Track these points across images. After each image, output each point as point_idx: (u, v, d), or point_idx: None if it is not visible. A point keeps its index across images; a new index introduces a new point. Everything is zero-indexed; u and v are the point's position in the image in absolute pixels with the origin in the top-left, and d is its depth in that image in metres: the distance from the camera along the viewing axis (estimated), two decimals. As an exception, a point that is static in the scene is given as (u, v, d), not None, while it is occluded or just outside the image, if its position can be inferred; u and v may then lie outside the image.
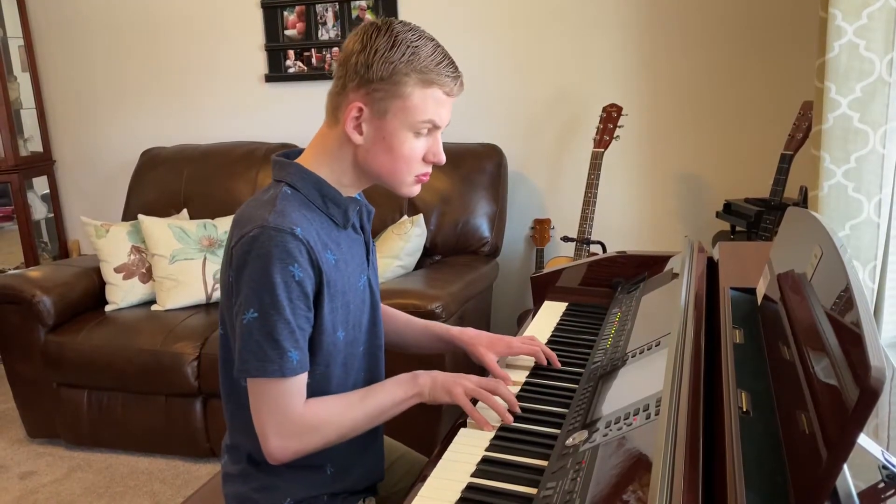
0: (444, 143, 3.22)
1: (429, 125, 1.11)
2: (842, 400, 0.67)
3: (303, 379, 1.09)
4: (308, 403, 1.11)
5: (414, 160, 1.12)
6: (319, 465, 1.20)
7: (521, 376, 1.32)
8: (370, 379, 1.26)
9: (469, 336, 1.36)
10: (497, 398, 1.17)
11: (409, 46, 1.07)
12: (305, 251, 1.05)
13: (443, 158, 1.15)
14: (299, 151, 1.19)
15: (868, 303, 0.85)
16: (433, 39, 1.11)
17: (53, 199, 3.72)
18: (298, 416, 1.09)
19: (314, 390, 1.13)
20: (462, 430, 1.15)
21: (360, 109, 1.08)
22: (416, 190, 1.17)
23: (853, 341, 0.71)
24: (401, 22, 1.10)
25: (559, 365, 1.34)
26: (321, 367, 1.14)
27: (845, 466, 0.68)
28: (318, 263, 1.08)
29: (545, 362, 1.34)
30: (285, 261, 1.03)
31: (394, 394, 1.16)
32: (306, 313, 1.08)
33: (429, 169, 1.16)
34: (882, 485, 0.72)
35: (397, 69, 1.06)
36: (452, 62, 1.12)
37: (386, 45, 1.06)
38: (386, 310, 1.46)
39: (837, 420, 0.66)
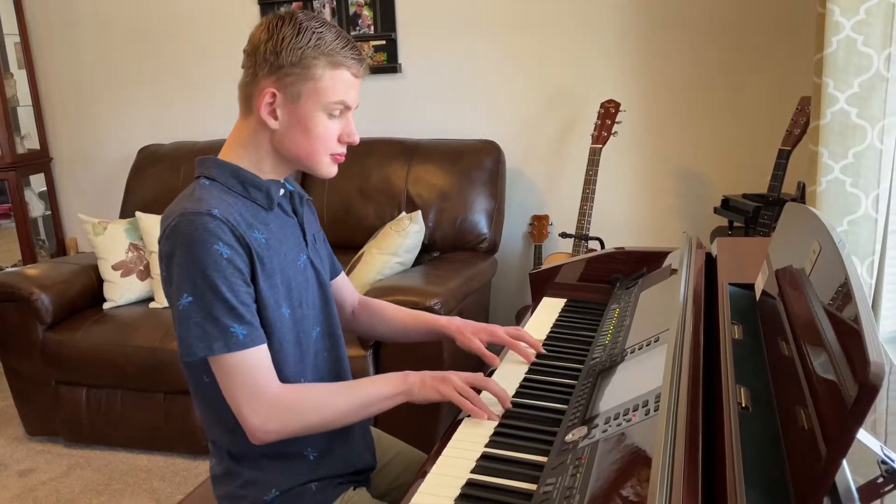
0: (442, 140, 3.22)
1: (340, 106, 1.15)
2: (841, 395, 0.67)
3: (263, 354, 1.11)
4: (288, 386, 1.13)
5: (329, 140, 1.17)
6: (299, 452, 1.21)
7: (519, 371, 1.32)
8: (333, 359, 1.28)
9: (456, 325, 1.41)
10: (490, 391, 1.19)
11: (314, 32, 1.12)
12: (228, 229, 1.08)
13: (356, 139, 1.20)
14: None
15: (867, 298, 0.85)
16: (335, 26, 1.16)
17: (51, 196, 3.72)
18: (273, 394, 1.10)
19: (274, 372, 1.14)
20: (466, 420, 1.15)
21: (274, 95, 1.13)
22: (333, 170, 1.21)
23: (852, 337, 0.71)
24: (303, 11, 1.15)
25: (543, 350, 1.38)
26: (275, 346, 1.15)
27: (844, 461, 0.68)
28: (245, 241, 1.10)
29: (528, 355, 1.36)
30: (209, 241, 1.06)
31: (381, 388, 1.18)
32: (245, 289, 1.10)
33: (343, 149, 1.20)
34: (881, 480, 0.73)
35: (305, 53, 1.11)
36: (356, 46, 1.16)
37: (292, 33, 1.11)
38: (372, 302, 1.49)
39: (836, 416, 0.66)
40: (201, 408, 1.22)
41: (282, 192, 1.22)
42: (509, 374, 1.32)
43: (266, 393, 1.10)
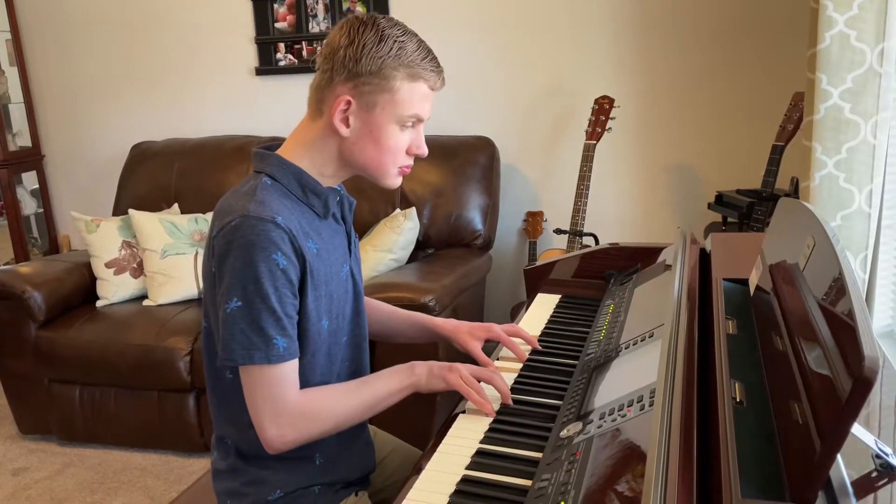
0: (436, 136, 3.22)
1: (414, 119, 1.14)
2: (835, 390, 0.67)
3: (294, 366, 1.10)
4: (303, 392, 1.12)
5: (399, 153, 1.15)
6: (308, 456, 1.20)
7: (515, 368, 1.32)
8: (354, 369, 1.27)
9: (452, 326, 1.40)
10: (494, 385, 1.19)
11: (395, 41, 1.09)
12: (288, 239, 1.06)
13: (425, 151, 1.18)
14: (280, 144, 1.20)
15: (861, 292, 0.85)
16: (416, 35, 1.14)
17: (43, 194, 3.70)
18: (293, 403, 1.10)
19: (300, 380, 1.13)
20: (461, 416, 1.15)
21: (349, 102, 1.10)
22: (398, 181, 1.20)
23: (846, 331, 0.72)
24: (385, 17, 1.13)
25: (539, 347, 1.38)
26: (306, 356, 1.14)
27: (839, 455, 0.68)
28: (301, 251, 1.09)
29: (523, 354, 1.35)
30: (268, 249, 1.04)
31: (389, 383, 1.17)
32: (292, 301, 1.09)
33: (411, 161, 1.19)
34: (875, 474, 0.73)
35: (386, 63, 1.08)
36: (435, 57, 1.15)
37: (374, 40, 1.08)
38: (369, 301, 1.48)
39: (831, 410, 0.66)
40: (216, 402, 1.21)
41: (337, 199, 1.20)
42: (505, 371, 1.31)
43: (288, 404, 1.09)
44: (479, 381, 1.19)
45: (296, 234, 1.08)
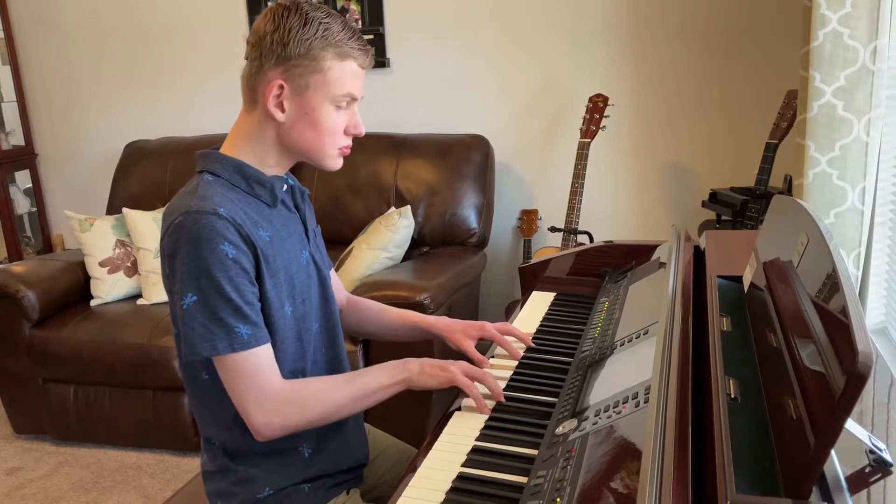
0: (431, 134, 3.21)
1: (347, 98, 1.15)
2: (829, 386, 0.67)
3: (266, 352, 1.10)
4: (289, 381, 1.13)
5: (337, 133, 1.16)
6: (295, 448, 1.20)
7: (510, 366, 1.32)
8: (331, 356, 1.28)
9: (444, 324, 1.40)
10: (486, 384, 1.19)
11: (320, 23, 1.10)
12: (233, 228, 1.07)
13: (363, 130, 1.19)
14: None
15: (854, 289, 0.85)
16: (341, 16, 1.15)
17: (36, 193, 3.68)
18: (276, 390, 1.10)
19: None
20: (456, 414, 1.15)
21: (281, 87, 1.11)
22: (339, 163, 1.20)
23: (840, 328, 0.72)
24: (306, 1, 1.13)
25: (532, 344, 1.38)
26: (276, 344, 1.15)
27: (833, 451, 0.68)
28: (251, 239, 1.09)
29: (517, 352, 1.35)
30: (214, 240, 1.05)
31: (381, 377, 1.18)
32: (251, 288, 1.09)
33: (349, 141, 1.19)
34: (869, 469, 0.73)
35: (313, 45, 1.10)
36: (361, 37, 1.15)
37: (299, 24, 1.09)
38: (360, 301, 1.48)
39: (825, 406, 0.67)
40: (197, 405, 1.21)
41: (284, 187, 1.21)
42: (499, 368, 1.32)
43: (270, 390, 1.09)
44: (473, 380, 1.19)
45: (241, 223, 1.08)
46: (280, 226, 1.18)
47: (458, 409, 1.18)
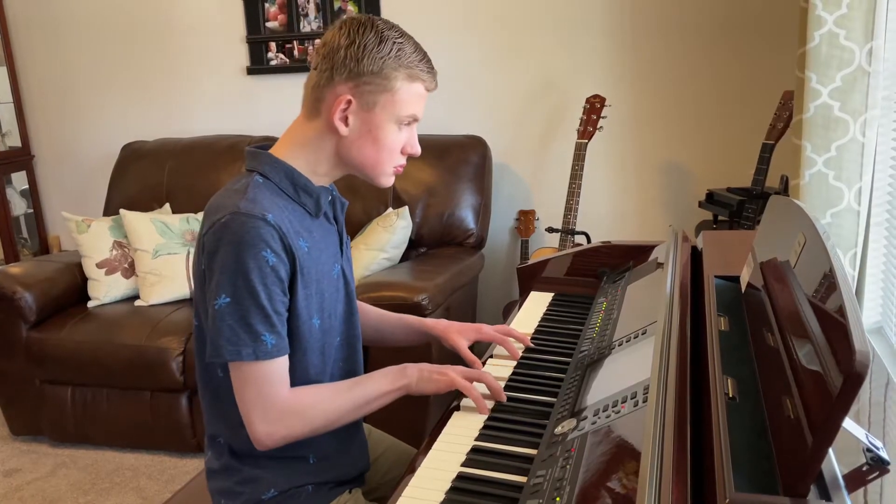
0: (428, 135, 3.21)
1: (411, 118, 1.16)
2: (826, 385, 0.68)
3: (283, 363, 1.10)
4: (293, 390, 1.13)
5: (395, 152, 1.17)
6: (302, 456, 1.20)
7: (509, 366, 1.33)
8: (348, 369, 1.28)
9: (442, 326, 1.41)
10: (486, 384, 1.20)
11: (395, 43, 1.11)
12: (278, 236, 1.07)
13: (419, 150, 1.20)
14: (273, 143, 1.21)
15: (851, 289, 0.85)
16: (412, 38, 1.16)
17: (33, 194, 3.68)
18: (283, 401, 1.10)
19: (293, 378, 1.14)
20: (455, 414, 1.16)
21: (349, 102, 1.11)
22: (392, 180, 1.21)
23: (837, 327, 0.72)
24: (380, 19, 1.15)
25: (531, 344, 1.39)
26: (298, 354, 1.15)
27: (830, 450, 0.69)
28: (292, 249, 1.09)
29: (516, 352, 1.36)
30: (258, 246, 1.05)
31: (381, 384, 1.18)
32: (282, 298, 1.09)
33: (405, 160, 1.20)
34: (866, 467, 0.74)
35: (387, 64, 1.10)
36: (430, 60, 1.17)
37: (374, 41, 1.10)
38: (360, 305, 1.47)
39: (822, 405, 0.67)
40: (208, 401, 1.21)
41: (329, 198, 1.21)
42: (498, 369, 1.32)
43: (277, 401, 1.09)
44: (472, 382, 1.20)
45: (286, 232, 1.08)
46: (319, 237, 1.18)
47: (458, 408, 1.19)
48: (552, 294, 1.71)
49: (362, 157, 1.15)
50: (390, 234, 2.66)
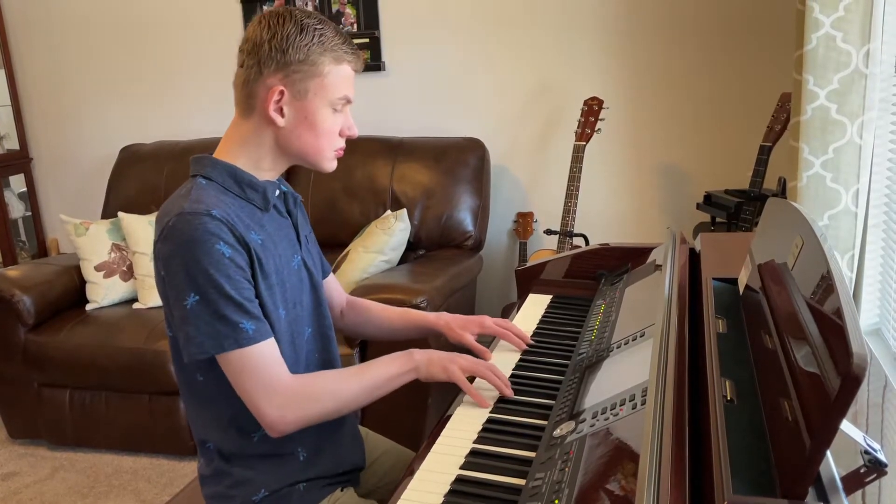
0: (426, 137, 3.21)
1: (343, 100, 1.18)
2: (824, 387, 0.68)
3: (271, 346, 1.11)
4: (302, 375, 1.14)
5: (334, 135, 1.19)
6: (291, 451, 1.21)
7: (507, 366, 1.33)
8: (324, 360, 1.29)
9: (445, 320, 1.43)
10: (489, 381, 1.22)
11: (315, 30, 1.14)
12: (227, 229, 1.08)
13: (356, 131, 1.22)
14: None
15: (848, 291, 0.85)
16: (332, 22, 1.18)
17: (31, 197, 3.67)
18: (286, 383, 1.11)
19: None
20: (454, 417, 1.16)
21: (282, 92, 1.13)
22: (334, 164, 1.23)
23: (834, 329, 0.73)
24: (298, 9, 1.17)
25: (531, 341, 1.41)
26: None
27: (828, 452, 0.69)
28: (245, 240, 1.10)
29: (520, 344, 1.39)
30: (209, 241, 1.06)
31: (389, 368, 1.19)
32: (248, 286, 1.10)
33: (343, 143, 1.22)
34: (864, 469, 0.74)
35: (312, 50, 1.13)
36: (352, 41, 1.19)
37: (295, 31, 1.12)
38: (360, 301, 1.50)
39: (820, 407, 0.67)
40: (192, 408, 1.21)
41: (276, 192, 1.22)
42: (499, 364, 1.32)
43: (280, 384, 1.10)
44: (476, 377, 1.23)
45: (235, 224, 1.09)
46: (272, 230, 1.19)
47: (457, 409, 1.19)
48: (550, 296, 1.71)
49: (302, 145, 1.17)
50: (388, 237, 2.66)
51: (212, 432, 1.20)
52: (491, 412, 1.17)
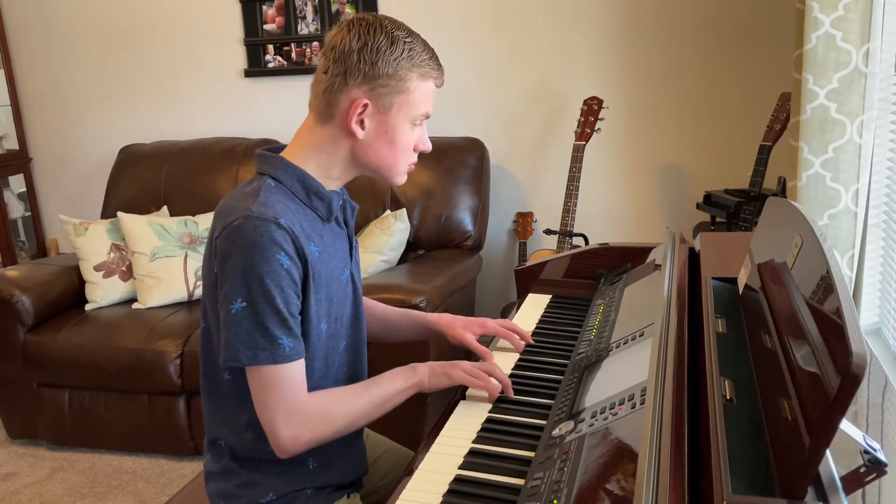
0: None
1: (424, 116, 1.16)
2: (823, 387, 0.68)
3: (301, 367, 1.10)
4: (317, 394, 1.13)
5: (409, 150, 1.18)
6: (302, 461, 1.20)
7: (507, 366, 1.32)
8: (352, 375, 1.27)
9: (446, 320, 1.42)
10: (492, 380, 1.22)
11: (405, 43, 1.11)
12: (290, 240, 1.06)
13: (430, 146, 1.21)
14: (283, 147, 1.20)
15: (848, 290, 0.85)
16: (419, 35, 1.16)
17: (30, 197, 3.67)
18: (304, 404, 1.10)
19: None
20: (453, 417, 1.16)
21: (365, 105, 1.10)
22: (405, 178, 1.22)
23: (834, 329, 0.72)
24: (387, 18, 1.14)
25: (531, 341, 1.41)
26: (306, 360, 1.14)
27: (828, 451, 0.69)
28: (304, 253, 1.09)
29: (520, 344, 1.39)
30: (271, 249, 1.04)
31: (395, 384, 1.19)
32: (296, 301, 1.09)
33: (416, 157, 1.21)
34: (864, 469, 0.74)
35: (401, 65, 1.10)
36: (437, 56, 1.17)
37: (386, 43, 1.10)
38: (365, 301, 1.47)
39: (819, 406, 0.67)
40: (211, 404, 1.20)
41: (340, 202, 1.21)
42: (501, 364, 1.32)
43: (298, 404, 1.09)
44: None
45: (298, 236, 1.08)
46: (329, 242, 1.17)
47: (464, 398, 1.20)
48: (550, 296, 1.71)
49: (379, 159, 1.15)
50: (388, 237, 2.65)
51: (226, 431, 1.19)
52: (490, 412, 1.17)
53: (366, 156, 1.15)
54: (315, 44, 3.16)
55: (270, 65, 3.22)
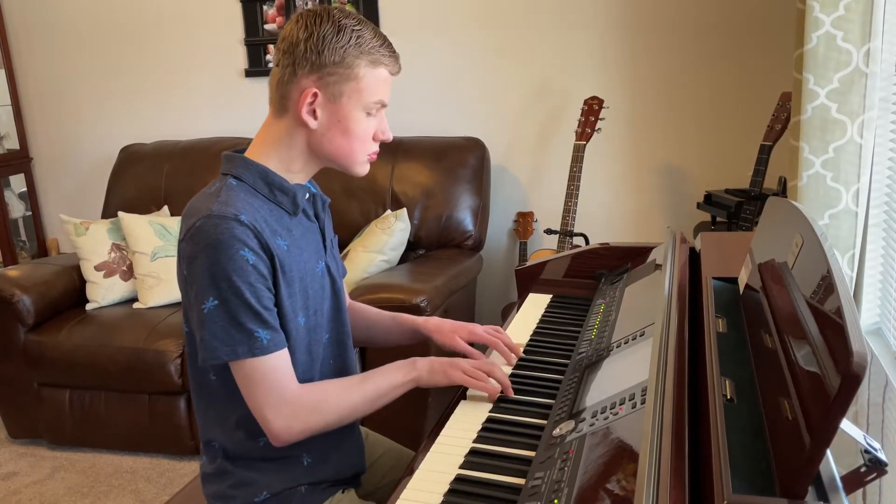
0: (426, 137, 3.21)
1: (378, 105, 1.16)
2: (824, 386, 0.68)
3: (284, 357, 1.11)
4: (304, 385, 1.13)
5: (367, 139, 1.17)
6: (296, 456, 1.21)
7: (507, 367, 1.32)
8: (338, 368, 1.28)
9: (434, 324, 1.41)
10: (492, 380, 1.22)
11: (353, 31, 1.11)
12: (253, 235, 1.07)
13: (390, 136, 1.21)
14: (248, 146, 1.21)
15: (849, 290, 0.85)
16: (370, 23, 1.15)
17: (31, 196, 3.68)
18: (294, 395, 1.10)
19: None
20: (453, 416, 1.16)
21: (315, 94, 1.11)
22: (367, 168, 1.21)
23: (834, 328, 0.72)
24: (336, 8, 1.14)
25: (521, 354, 1.37)
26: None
27: (828, 451, 0.69)
28: (269, 247, 1.09)
29: (511, 358, 1.35)
30: (234, 246, 1.05)
31: (392, 377, 1.19)
32: (268, 294, 1.10)
33: (377, 147, 1.20)
34: (864, 469, 0.74)
35: (348, 52, 1.10)
36: (391, 43, 1.16)
37: (332, 31, 1.10)
38: (354, 305, 1.48)
39: (820, 406, 0.67)
40: (202, 406, 1.21)
41: (306, 196, 1.21)
42: (482, 356, 1.32)
43: (288, 395, 1.10)
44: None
45: (261, 231, 1.08)
46: (298, 235, 1.18)
47: (464, 398, 1.20)
48: (550, 296, 1.71)
49: (334, 149, 1.15)
50: (388, 237, 2.65)
51: (218, 432, 1.20)
52: (490, 411, 1.17)
53: (322, 146, 1.15)
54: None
55: (271, 64, 3.22)
